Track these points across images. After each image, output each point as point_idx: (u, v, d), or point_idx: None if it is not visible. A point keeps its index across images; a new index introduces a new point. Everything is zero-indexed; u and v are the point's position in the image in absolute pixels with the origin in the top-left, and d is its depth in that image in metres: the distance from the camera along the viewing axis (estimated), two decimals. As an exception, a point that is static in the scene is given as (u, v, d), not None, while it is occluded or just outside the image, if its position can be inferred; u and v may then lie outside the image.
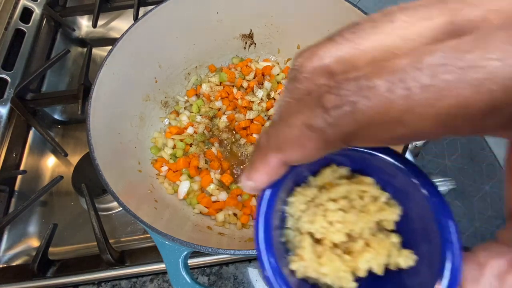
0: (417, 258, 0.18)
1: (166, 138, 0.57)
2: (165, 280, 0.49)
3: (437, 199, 0.17)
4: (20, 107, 0.62)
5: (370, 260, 0.18)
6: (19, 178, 0.60)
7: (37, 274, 0.49)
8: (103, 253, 0.48)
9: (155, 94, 0.58)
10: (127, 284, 0.49)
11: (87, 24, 0.79)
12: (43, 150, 0.63)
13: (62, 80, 0.72)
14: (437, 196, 0.17)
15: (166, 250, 0.38)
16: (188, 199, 0.52)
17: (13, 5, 0.71)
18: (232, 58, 0.63)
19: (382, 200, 0.19)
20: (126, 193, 0.40)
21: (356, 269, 0.18)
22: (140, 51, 0.51)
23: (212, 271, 0.49)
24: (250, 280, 0.48)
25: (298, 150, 0.15)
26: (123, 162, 0.48)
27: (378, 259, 0.18)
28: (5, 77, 0.65)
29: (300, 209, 0.19)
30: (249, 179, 0.18)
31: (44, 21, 0.75)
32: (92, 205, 0.50)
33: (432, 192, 0.17)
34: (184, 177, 0.53)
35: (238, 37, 0.60)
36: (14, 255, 0.54)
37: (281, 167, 0.17)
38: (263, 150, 0.17)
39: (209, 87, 0.61)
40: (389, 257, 0.18)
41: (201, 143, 0.57)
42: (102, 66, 0.45)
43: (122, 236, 0.53)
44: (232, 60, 0.63)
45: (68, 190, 0.57)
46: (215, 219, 0.50)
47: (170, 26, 0.53)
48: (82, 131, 0.65)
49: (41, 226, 0.56)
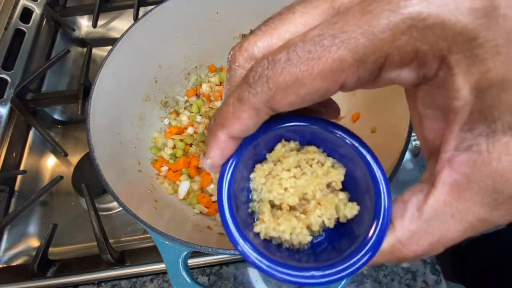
0: (359, 208, 0.21)
1: (166, 138, 0.57)
2: (165, 280, 0.49)
3: (369, 156, 0.21)
4: (20, 107, 0.62)
5: (321, 215, 0.21)
6: (19, 178, 0.60)
7: (37, 274, 0.49)
8: (103, 253, 0.48)
9: (155, 94, 0.58)
10: (127, 284, 0.49)
11: (87, 24, 0.79)
12: (43, 150, 0.63)
13: (62, 80, 0.72)
14: (370, 153, 0.21)
15: (166, 250, 0.38)
16: (188, 199, 0.52)
17: (13, 5, 0.71)
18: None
19: (328, 165, 0.22)
20: (126, 193, 0.40)
21: (310, 224, 0.21)
22: (140, 51, 0.51)
23: (212, 271, 0.49)
24: (250, 280, 0.48)
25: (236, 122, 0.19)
26: (123, 162, 0.48)
27: (327, 213, 0.21)
28: (5, 77, 0.65)
29: (261, 183, 0.23)
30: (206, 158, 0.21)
31: (44, 21, 0.75)
32: (92, 205, 0.50)
33: (365, 151, 0.21)
34: (184, 177, 0.53)
35: (238, 37, 0.60)
36: (14, 255, 0.54)
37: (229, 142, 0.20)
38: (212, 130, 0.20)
39: (209, 87, 0.61)
40: (338, 211, 0.21)
41: (201, 143, 0.57)
42: (102, 66, 0.45)
43: (122, 236, 0.53)
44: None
45: (68, 190, 0.57)
46: (215, 219, 0.50)
47: (170, 26, 0.53)
48: (82, 131, 0.65)
49: (41, 226, 0.56)
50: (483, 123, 0.16)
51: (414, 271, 0.47)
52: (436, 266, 0.47)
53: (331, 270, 0.19)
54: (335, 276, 0.19)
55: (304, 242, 0.22)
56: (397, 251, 0.19)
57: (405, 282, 0.46)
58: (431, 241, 0.18)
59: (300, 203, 0.22)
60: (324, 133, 0.22)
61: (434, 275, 0.46)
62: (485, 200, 0.16)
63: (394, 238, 0.19)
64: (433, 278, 0.46)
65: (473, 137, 0.16)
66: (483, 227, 0.17)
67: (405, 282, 0.46)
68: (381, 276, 0.47)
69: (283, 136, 0.23)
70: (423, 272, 0.47)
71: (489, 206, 0.17)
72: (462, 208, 0.17)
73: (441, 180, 0.17)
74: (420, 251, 0.18)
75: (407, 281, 0.46)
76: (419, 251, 0.18)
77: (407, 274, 0.47)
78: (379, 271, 0.47)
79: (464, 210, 0.17)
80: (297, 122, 0.22)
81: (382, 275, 0.47)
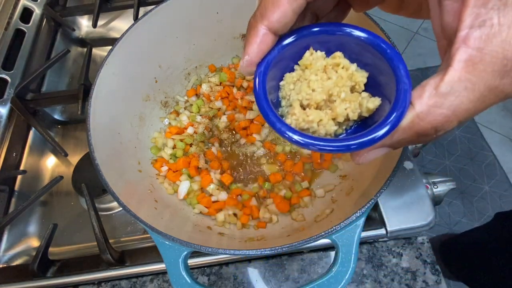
0: (381, 100, 0.23)
1: (166, 138, 0.57)
2: (165, 280, 0.49)
3: (391, 51, 0.23)
4: (20, 107, 0.62)
5: (347, 108, 0.23)
6: (19, 178, 0.60)
7: (37, 274, 0.49)
8: (103, 253, 0.48)
9: (155, 94, 0.58)
10: (127, 284, 0.49)
11: (87, 24, 0.79)
12: (43, 150, 0.63)
13: (62, 80, 0.72)
14: (391, 49, 0.23)
15: (166, 250, 0.38)
16: (188, 199, 0.52)
17: (13, 5, 0.71)
18: (232, 58, 0.63)
19: (352, 69, 0.24)
20: (126, 193, 0.40)
21: (336, 116, 0.23)
22: (140, 51, 0.51)
23: (212, 271, 0.49)
24: (250, 280, 0.48)
25: (276, 9, 0.21)
26: (123, 162, 0.48)
27: (352, 106, 0.23)
28: (5, 77, 0.65)
29: (290, 89, 0.25)
30: (244, 54, 0.23)
31: (44, 21, 0.75)
32: (92, 205, 0.50)
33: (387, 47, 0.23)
34: (184, 177, 0.53)
35: (238, 37, 0.60)
36: (14, 255, 0.54)
37: (267, 36, 0.22)
38: (251, 25, 0.22)
39: (209, 87, 0.61)
40: (361, 107, 0.23)
41: (201, 143, 0.57)
42: (102, 66, 0.45)
43: (122, 236, 0.53)
44: (232, 60, 0.63)
45: (68, 190, 0.57)
46: (215, 219, 0.50)
47: (170, 26, 0.53)
48: (82, 131, 0.65)
49: (41, 226, 0.56)
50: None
51: (414, 271, 0.47)
52: (436, 266, 0.47)
53: (351, 141, 0.21)
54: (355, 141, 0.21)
55: (330, 131, 0.24)
56: (416, 125, 0.21)
57: (405, 282, 0.46)
58: (446, 112, 0.19)
59: (326, 104, 0.24)
60: (348, 42, 0.24)
61: (434, 275, 0.46)
62: (496, 67, 0.18)
63: (413, 114, 0.20)
64: (433, 278, 0.46)
65: (486, 11, 0.18)
66: (493, 97, 0.19)
67: (405, 282, 0.46)
68: (381, 276, 0.47)
69: (309, 45, 0.25)
70: (423, 272, 0.47)
71: (499, 74, 0.18)
72: (475, 79, 0.19)
73: (456, 58, 0.19)
74: (437, 122, 0.20)
75: (407, 281, 0.46)
76: (435, 122, 0.20)
77: (407, 274, 0.47)
78: (379, 271, 0.47)
79: (476, 80, 0.19)
80: (323, 27, 0.24)
81: (382, 275, 0.47)
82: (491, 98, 0.19)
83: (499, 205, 1.45)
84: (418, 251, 0.48)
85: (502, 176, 1.52)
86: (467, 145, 1.59)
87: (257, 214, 0.50)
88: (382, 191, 0.36)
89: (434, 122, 0.20)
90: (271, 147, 0.56)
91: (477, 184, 1.51)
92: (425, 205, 0.47)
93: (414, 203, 0.47)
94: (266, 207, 0.51)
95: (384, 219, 0.46)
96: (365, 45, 0.23)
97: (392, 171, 0.36)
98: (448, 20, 0.20)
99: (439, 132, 0.21)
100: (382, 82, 0.24)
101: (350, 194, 0.46)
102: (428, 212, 0.46)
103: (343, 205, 0.45)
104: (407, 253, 0.48)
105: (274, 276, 0.48)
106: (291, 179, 0.53)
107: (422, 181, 0.49)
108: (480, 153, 1.57)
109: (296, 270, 0.48)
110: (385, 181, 0.36)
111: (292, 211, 0.50)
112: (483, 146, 1.59)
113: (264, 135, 0.57)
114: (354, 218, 0.36)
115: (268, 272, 0.48)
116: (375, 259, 0.48)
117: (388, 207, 0.47)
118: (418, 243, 0.49)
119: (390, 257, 0.48)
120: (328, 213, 0.46)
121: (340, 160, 0.53)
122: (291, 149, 0.55)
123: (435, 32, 0.22)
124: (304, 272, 0.48)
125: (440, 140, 1.61)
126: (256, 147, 0.56)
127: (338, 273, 0.35)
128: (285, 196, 0.51)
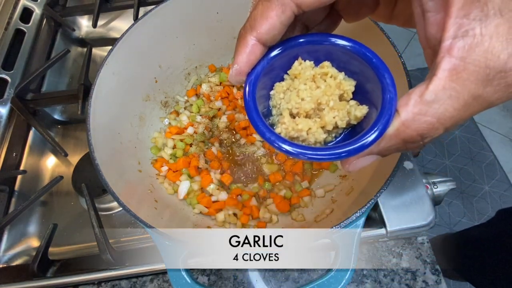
0: (368, 108, 0.24)
1: (166, 138, 0.57)
2: (165, 280, 0.49)
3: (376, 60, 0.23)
4: (20, 107, 0.62)
5: (335, 116, 0.24)
6: (19, 178, 0.60)
7: (37, 274, 0.49)
8: (103, 253, 0.47)
9: (155, 94, 0.58)
10: (127, 284, 0.49)
11: (87, 24, 0.79)
12: (43, 150, 0.63)
13: (62, 80, 0.72)
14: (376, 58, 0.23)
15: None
16: (188, 199, 0.52)
17: (13, 5, 0.71)
18: (232, 58, 0.63)
19: (340, 78, 0.25)
20: (126, 193, 0.40)
21: (325, 124, 0.24)
22: (140, 51, 0.51)
23: (212, 271, 0.49)
24: (250, 280, 0.48)
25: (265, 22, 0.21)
26: (123, 162, 0.48)
27: (340, 114, 0.24)
28: (5, 77, 0.65)
29: (280, 98, 0.26)
30: (234, 64, 0.23)
31: (44, 21, 0.74)
32: (92, 205, 0.50)
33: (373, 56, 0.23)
34: (184, 177, 0.53)
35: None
36: (14, 255, 0.54)
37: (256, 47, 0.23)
38: (241, 35, 0.23)
39: (209, 87, 0.61)
40: (349, 115, 0.24)
41: (201, 143, 0.57)
42: (102, 66, 0.45)
43: (122, 236, 0.53)
44: (232, 60, 0.63)
45: (68, 190, 0.57)
46: (215, 219, 0.50)
47: (170, 26, 0.53)
48: (82, 131, 0.65)
49: (41, 226, 0.56)
50: (477, 7, 0.18)
51: (414, 271, 0.47)
52: (436, 266, 0.47)
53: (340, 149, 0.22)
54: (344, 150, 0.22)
55: (320, 140, 0.24)
56: (402, 132, 0.21)
57: (405, 282, 0.46)
58: (431, 120, 0.20)
59: (315, 112, 0.25)
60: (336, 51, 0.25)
61: (434, 275, 0.46)
62: (479, 76, 0.19)
63: (399, 122, 0.21)
64: (433, 278, 0.46)
65: (468, 22, 0.19)
66: (477, 106, 0.20)
67: (405, 282, 0.46)
68: (381, 276, 0.47)
69: (298, 55, 0.26)
70: (423, 272, 0.47)
71: (482, 83, 0.19)
72: (459, 87, 0.19)
73: (441, 67, 0.19)
74: (422, 129, 0.20)
75: (407, 281, 0.46)
76: (421, 129, 0.20)
77: (407, 274, 0.47)
78: (379, 271, 0.47)
79: (460, 89, 0.19)
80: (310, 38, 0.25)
81: (382, 275, 0.47)
82: (475, 106, 0.20)
83: (499, 205, 1.45)
84: (418, 251, 0.48)
85: (502, 176, 1.51)
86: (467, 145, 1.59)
87: (257, 214, 0.50)
88: (382, 191, 0.36)
89: (420, 129, 0.20)
90: (271, 147, 0.56)
91: (477, 184, 1.51)
92: (425, 205, 0.47)
93: (414, 203, 0.47)
94: (266, 207, 0.51)
95: (384, 219, 0.46)
96: (352, 54, 0.24)
97: (392, 171, 0.36)
98: (431, 31, 0.21)
99: (425, 139, 0.21)
100: (369, 89, 0.24)
101: (350, 194, 0.46)
102: (428, 212, 0.46)
103: (343, 205, 0.45)
104: (407, 253, 0.48)
105: (274, 276, 0.48)
106: (291, 179, 0.53)
107: (422, 181, 0.49)
108: (480, 153, 1.57)
109: (296, 270, 0.48)
110: (385, 181, 0.36)
111: (292, 211, 0.50)
112: (483, 146, 1.59)
113: (264, 135, 0.57)
114: (354, 218, 0.36)
115: (268, 272, 0.48)
116: (375, 259, 0.48)
117: (388, 207, 0.47)
118: (418, 243, 0.49)
119: (390, 257, 0.48)
120: (328, 213, 0.46)
121: (340, 160, 0.53)
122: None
123: (421, 42, 0.23)
124: (304, 272, 0.48)
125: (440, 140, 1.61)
126: (256, 147, 0.56)
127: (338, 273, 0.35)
128: (285, 196, 0.51)
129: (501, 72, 0.19)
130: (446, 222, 1.44)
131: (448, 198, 1.47)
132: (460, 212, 1.45)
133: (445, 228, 1.42)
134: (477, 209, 1.46)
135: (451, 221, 1.44)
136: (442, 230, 1.41)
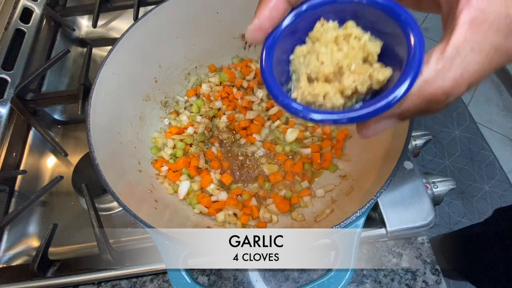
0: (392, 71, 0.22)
1: (166, 138, 0.57)
2: (165, 280, 0.49)
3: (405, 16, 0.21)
4: (20, 107, 0.62)
5: (355, 80, 0.22)
6: (19, 178, 0.60)
7: (37, 274, 0.49)
8: (103, 253, 0.48)
9: (155, 94, 0.58)
10: (127, 284, 0.49)
11: (87, 24, 0.79)
12: (43, 150, 0.63)
13: (62, 80, 0.72)
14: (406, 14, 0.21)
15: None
16: (188, 199, 0.52)
17: (13, 5, 0.71)
18: (232, 58, 0.63)
19: (365, 38, 0.23)
20: (126, 193, 0.40)
21: (344, 89, 0.22)
22: (140, 51, 0.51)
23: (212, 271, 0.49)
24: (250, 280, 0.48)
25: None
26: (123, 162, 0.48)
27: (361, 78, 0.22)
28: (5, 77, 0.65)
29: (299, 62, 0.24)
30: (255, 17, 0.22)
31: (44, 21, 0.75)
32: (92, 205, 0.50)
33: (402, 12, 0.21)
34: (184, 177, 0.53)
35: (238, 37, 0.60)
36: (14, 255, 0.54)
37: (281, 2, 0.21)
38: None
39: (209, 87, 0.61)
40: (371, 79, 0.22)
41: (201, 143, 0.57)
42: (102, 66, 0.45)
43: (122, 236, 0.53)
44: (232, 60, 0.63)
45: (68, 190, 0.57)
46: (215, 219, 0.50)
47: (170, 26, 0.53)
48: (82, 131, 0.65)
49: (41, 226, 0.56)
50: None
51: (414, 271, 0.47)
52: (436, 266, 0.47)
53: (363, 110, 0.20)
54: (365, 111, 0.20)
55: (337, 105, 0.22)
56: (425, 91, 0.20)
57: (405, 282, 0.46)
58: (454, 75, 0.19)
59: (335, 77, 0.23)
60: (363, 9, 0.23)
61: (434, 275, 0.46)
62: (500, 26, 0.18)
63: (422, 80, 0.20)
64: (433, 278, 0.46)
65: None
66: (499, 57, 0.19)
67: (405, 282, 0.46)
68: (381, 276, 0.47)
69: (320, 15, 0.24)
70: (423, 272, 0.47)
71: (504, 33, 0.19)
72: (480, 39, 0.19)
73: (460, 20, 0.19)
74: (446, 86, 0.20)
75: (407, 281, 0.46)
76: (445, 86, 0.20)
77: (407, 274, 0.47)
78: (379, 271, 0.47)
79: (482, 40, 0.19)
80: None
81: (382, 275, 0.47)
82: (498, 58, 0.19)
83: (499, 205, 1.45)
84: (418, 251, 0.48)
85: (502, 176, 1.52)
86: (467, 145, 1.59)
87: (257, 214, 0.50)
88: (382, 191, 0.36)
89: (443, 86, 0.20)
90: (271, 147, 0.56)
91: (477, 184, 1.51)
92: (425, 205, 0.47)
93: (414, 203, 0.47)
94: (266, 207, 0.51)
95: (384, 219, 0.46)
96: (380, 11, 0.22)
97: (392, 171, 0.36)
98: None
99: (449, 98, 0.20)
100: (396, 51, 0.22)
101: (350, 194, 0.46)
102: (428, 212, 0.46)
103: (343, 205, 0.45)
104: (407, 253, 0.48)
105: (274, 276, 0.48)
106: (291, 179, 0.53)
107: (422, 181, 0.49)
108: (480, 153, 1.57)
109: (296, 270, 0.48)
110: (385, 181, 0.36)
111: (292, 211, 0.50)
112: (483, 146, 1.59)
113: (264, 135, 0.57)
114: (354, 218, 0.36)
115: (268, 272, 0.48)
116: (375, 259, 0.48)
117: (388, 207, 0.47)
118: (418, 243, 0.49)
119: (390, 257, 0.48)
120: (328, 213, 0.46)
121: (340, 160, 0.53)
122: (291, 149, 0.55)
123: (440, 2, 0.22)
124: (304, 272, 0.48)
125: (440, 140, 1.61)
126: (256, 147, 0.56)
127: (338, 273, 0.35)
128: (285, 196, 0.51)
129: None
130: (446, 222, 1.44)
131: (448, 198, 1.47)
132: (460, 212, 1.45)
133: (445, 228, 1.42)
134: (477, 209, 1.46)
135: (451, 221, 1.44)
136: (442, 230, 1.41)
